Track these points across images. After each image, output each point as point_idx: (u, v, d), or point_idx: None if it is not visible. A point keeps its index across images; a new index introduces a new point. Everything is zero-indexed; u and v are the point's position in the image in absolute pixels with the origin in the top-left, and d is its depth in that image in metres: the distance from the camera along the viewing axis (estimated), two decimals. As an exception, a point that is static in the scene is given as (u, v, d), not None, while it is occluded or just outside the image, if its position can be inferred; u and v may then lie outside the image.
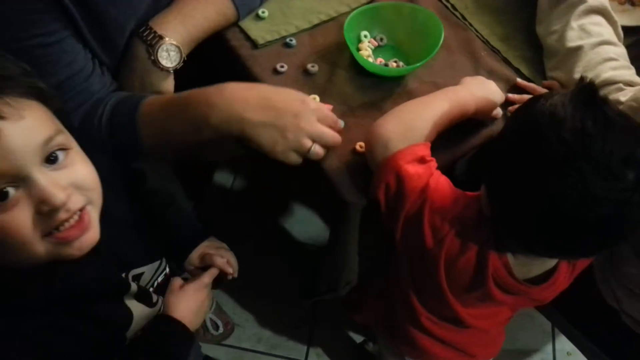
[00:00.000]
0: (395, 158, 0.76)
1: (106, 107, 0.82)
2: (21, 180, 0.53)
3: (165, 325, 0.75)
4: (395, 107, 0.82)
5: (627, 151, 0.60)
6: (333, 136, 0.80)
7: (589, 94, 0.63)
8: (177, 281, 0.81)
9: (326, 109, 0.82)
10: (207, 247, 0.91)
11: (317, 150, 0.78)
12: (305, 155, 0.78)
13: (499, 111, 0.90)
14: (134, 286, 0.72)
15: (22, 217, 0.53)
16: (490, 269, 0.75)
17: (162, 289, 0.80)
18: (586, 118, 0.61)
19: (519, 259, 0.76)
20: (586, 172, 0.60)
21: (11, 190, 0.52)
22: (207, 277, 0.85)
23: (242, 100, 0.76)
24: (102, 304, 0.65)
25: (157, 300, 0.78)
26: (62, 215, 0.55)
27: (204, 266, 0.89)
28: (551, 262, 0.78)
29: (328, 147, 0.81)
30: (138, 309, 0.72)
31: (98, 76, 0.83)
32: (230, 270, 0.89)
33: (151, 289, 0.78)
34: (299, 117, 0.74)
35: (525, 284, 0.77)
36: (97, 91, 0.83)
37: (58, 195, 0.54)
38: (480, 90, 0.86)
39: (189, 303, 0.78)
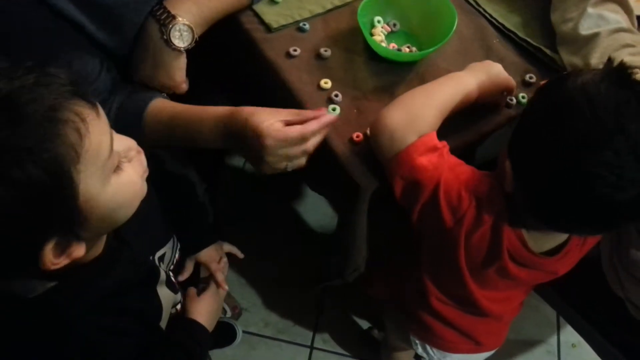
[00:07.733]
0: (408, 152, 0.76)
1: (111, 109, 0.84)
2: None
3: (196, 330, 0.83)
4: (399, 97, 0.81)
5: None
6: (298, 160, 0.79)
7: (622, 74, 0.63)
8: (193, 289, 0.89)
9: (284, 133, 0.76)
10: (209, 256, 0.98)
11: (294, 166, 0.79)
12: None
13: (504, 97, 0.89)
14: (162, 274, 0.74)
15: (131, 169, 0.60)
16: (505, 243, 0.76)
17: (179, 267, 0.82)
18: (620, 98, 0.61)
19: (532, 233, 0.76)
20: (622, 151, 0.59)
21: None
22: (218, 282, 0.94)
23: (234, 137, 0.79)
24: (137, 294, 0.68)
25: (177, 285, 0.81)
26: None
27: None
28: (563, 236, 0.79)
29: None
30: (165, 297, 0.75)
31: (103, 76, 0.85)
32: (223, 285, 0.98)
33: (171, 267, 0.80)
34: (264, 155, 0.77)
35: (540, 255, 0.78)
36: (101, 92, 0.84)
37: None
38: (485, 75, 0.85)
39: (208, 308, 0.87)
